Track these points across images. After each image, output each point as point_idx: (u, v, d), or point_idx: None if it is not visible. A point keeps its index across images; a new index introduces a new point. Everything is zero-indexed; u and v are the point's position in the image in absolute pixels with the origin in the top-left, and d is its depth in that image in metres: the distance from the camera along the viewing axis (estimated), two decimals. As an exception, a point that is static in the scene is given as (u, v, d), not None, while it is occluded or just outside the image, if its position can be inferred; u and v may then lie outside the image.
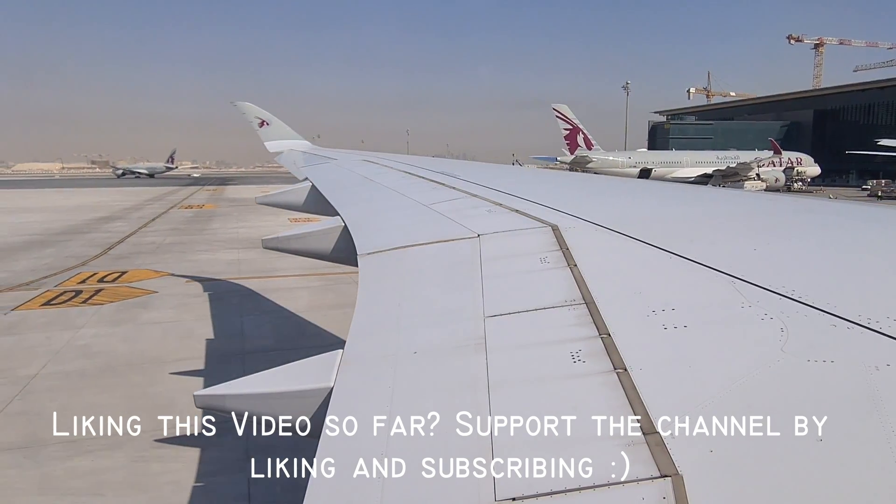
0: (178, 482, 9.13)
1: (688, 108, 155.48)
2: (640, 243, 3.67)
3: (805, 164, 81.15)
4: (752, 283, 2.78)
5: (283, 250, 7.12)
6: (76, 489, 8.99)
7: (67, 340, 15.88)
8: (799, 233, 4.09)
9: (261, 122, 22.52)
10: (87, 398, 11.91)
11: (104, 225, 44.00)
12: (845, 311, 2.37)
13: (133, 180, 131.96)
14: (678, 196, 6.58)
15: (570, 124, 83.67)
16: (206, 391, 3.01)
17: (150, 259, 28.82)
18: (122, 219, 48.53)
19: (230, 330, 17.03)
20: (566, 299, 3.00)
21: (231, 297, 20.75)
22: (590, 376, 2.30)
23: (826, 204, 5.24)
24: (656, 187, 8.78)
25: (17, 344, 15.74)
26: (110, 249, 31.84)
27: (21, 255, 30.04)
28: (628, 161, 79.70)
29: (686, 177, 75.06)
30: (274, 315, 18.68)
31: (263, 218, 41.73)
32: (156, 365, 13.97)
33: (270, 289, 21.57)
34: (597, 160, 78.76)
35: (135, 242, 34.56)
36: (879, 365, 2.00)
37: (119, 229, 40.81)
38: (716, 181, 71.93)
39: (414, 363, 2.78)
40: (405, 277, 4.16)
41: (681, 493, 1.65)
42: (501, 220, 4.95)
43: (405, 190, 7.85)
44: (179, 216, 51.59)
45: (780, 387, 2.02)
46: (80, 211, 55.11)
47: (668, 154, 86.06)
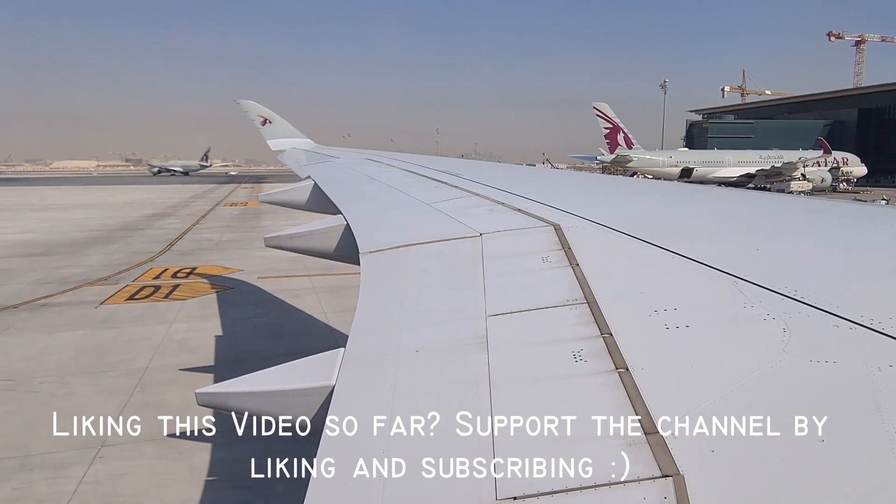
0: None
1: (725, 106, 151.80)
2: (642, 243, 3.67)
3: (851, 164, 79.38)
4: (755, 283, 2.77)
5: (285, 248, 7.12)
6: (221, 479, 9.05)
7: (164, 335, 16.14)
8: (801, 233, 4.09)
9: (263, 120, 22.53)
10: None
11: (157, 222, 44.94)
12: (848, 311, 2.37)
13: (168, 178, 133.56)
14: (680, 196, 6.58)
15: (610, 123, 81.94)
16: (209, 389, 3.02)
17: (213, 256, 29.02)
18: (173, 216, 49.43)
19: (316, 327, 17.08)
20: (568, 299, 3.00)
21: (306, 294, 20.73)
22: (591, 376, 2.30)
23: (828, 204, 5.23)
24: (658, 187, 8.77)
25: (118, 337, 16.07)
26: (172, 246, 32.26)
27: (90, 250, 30.68)
28: (669, 160, 78.12)
29: (728, 176, 73.91)
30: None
31: (312, 216, 41.37)
32: (256, 360, 13.89)
33: (342, 286, 21.19)
34: (637, 159, 77.43)
35: (193, 239, 34.95)
36: (882, 366, 2.00)
37: (173, 226, 41.61)
38: (759, 181, 70.90)
39: (416, 362, 2.78)
40: (407, 276, 4.16)
41: (682, 493, 1.64)
42: (503, 219, 4.95)
43: (407, 189, 7.85)
44: (227, 213, 52.03)
45: (782, 387, 2.02)
46: (130, 207, 56.63)
47: (710, 153, 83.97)
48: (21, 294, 20.65)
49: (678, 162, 77.84)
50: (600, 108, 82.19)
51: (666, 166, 76.29)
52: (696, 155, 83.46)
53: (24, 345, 15.29)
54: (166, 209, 55.10)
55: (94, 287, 21.99)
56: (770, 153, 77.84)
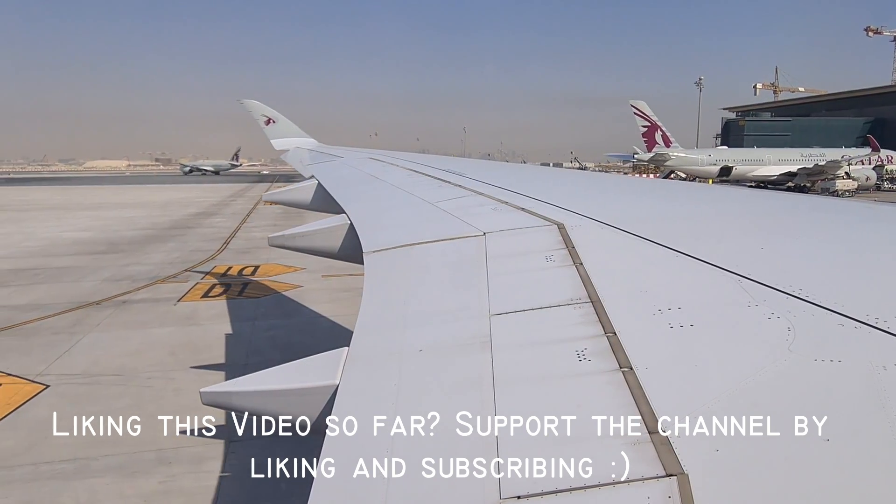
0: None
1: (760, 104, 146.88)
2: (646, 242, 3.66)
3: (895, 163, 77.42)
4: (759, 281, 2.77)
5: (289, 248, 7.14)
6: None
7: (250, 331, 16.32)
8: (806, 231, 4.07)
9: (267, 119, 22.61)
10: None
11: (205, 220, 45.52)
12: (853, 310, 2.36)
13: (200, 177, 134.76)
14: (684, 194, 6.57)
15: (648, 121, 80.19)
16: (213, 388, 3.02)
17: (270, 254, 28.98)
18: (217, 214, 49.92)
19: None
20: (572, 298, 2.99)
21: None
22: (595, 375, 2.30)
23: (833, 202, 5.21)
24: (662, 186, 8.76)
25: (207, 334, 16.28)
26: (227, 244, 32.61)
27: (149, 248, 31.33)
28: (708, 159, 76.39)
29: (768, 175, 72.51)
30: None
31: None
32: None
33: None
34: (675, 158, 75.98)
35: (245, 238, 35.34)
36: (887, 365, 1.99)
37: (222, 224, 42.23)
38: (801, 179, 69.55)
39: (419, 361, 2.78)
40: (411, 275, 4.16)
41: (686, 493, 1.64)
42: (507, 218, 4.95)
43: (411, 188, 7.85)
44: (270, 212, 52.14)
45: (786, 386, 2.01)
46: (173, 206, 57.23)
47: (750, 152, 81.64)
48: (98, 291, 21.16)
49: (717, 160, 75.97)
50: (638, 105, 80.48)
51: (705, 165, 74.80)
52: (736, 153, 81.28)
53: (119, 341, 15.63)
54: (209, 208, 55.53)
55: (166, 284, 22.46)
56: (812, 151, 75.56)
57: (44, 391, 12.23)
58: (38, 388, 12.39)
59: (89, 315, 18.05)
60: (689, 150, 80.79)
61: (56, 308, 18.73)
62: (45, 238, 35.02)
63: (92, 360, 14.02)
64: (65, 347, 14.97)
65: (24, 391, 12.24)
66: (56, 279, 23.54)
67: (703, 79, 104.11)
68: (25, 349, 14.89)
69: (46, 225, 42.07)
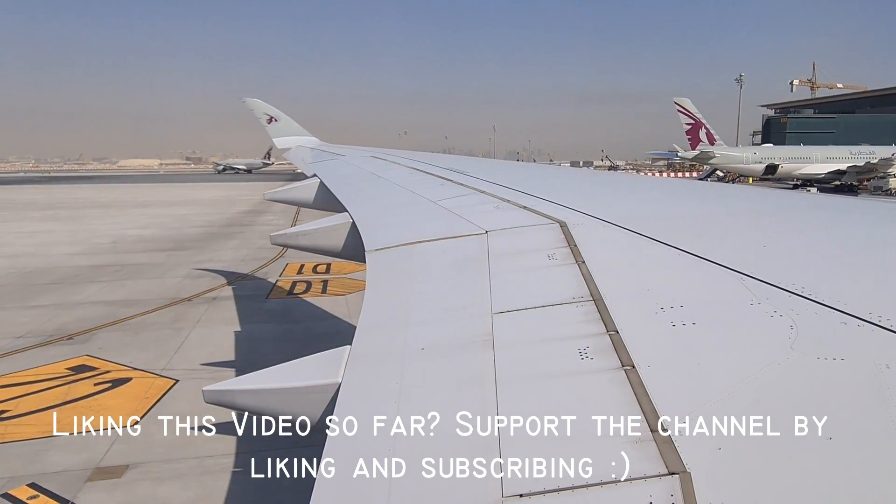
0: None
1: (801, 100, 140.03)
2: (648, 240, 3.65)
3: (948, 160, 76.02)
4: (762, 280, 2.76)
5: (292, 246, 7.15)
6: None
7: (349, 329, 16.30)
8: (809, 229, 4.06)
9: (269, 118, 22.62)
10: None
11: (257, 218, 46.17)
12: (856, 308, 2.36)
13: (234, 175, 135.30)
14: (686, 192, 6.56)
15: (692, 118, 78.03)
16: (216, 386, 3.03)
17: None
18: (267, 212, 49.80)
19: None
20: (574, 296, 2.99)
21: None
22: (597, 373, 2.30)
23: (836, 200, 5.20)
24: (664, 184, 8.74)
25: (309, 330, 16.66)
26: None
27: (214, 245, 31.95)
28: (754, 157, 74.84)
29: (815, 173, 71.03)
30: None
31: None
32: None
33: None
34: (720, 156, 74.47)
35: None
36: (890, 363, 1.99)
37: (275, 222, 42.58)
38: (850, 177, 68.08)
39: (422, 360, 2.78)
40: (413, 274, 4.16)
41: (689, 491, 1.64)
42: (509, 216, 4.94)
43: (413, 186, 7.85)
44: (317, 210, 52.99)
45: (789, 385, 2.01)
46: (220, 204, 58.42)
47: (796, 149, 78.87)
48: (183, 287, 21.74)
49: (763, 158, 74.40)
50: (682, 103, 78.71)
51: (750, 162, 73.47)
52: (782, 151, 79.13)
53: (224, 336, 15.98)
54: (256, 206, 55.36)
55: (244, 282, 22.84)
56: (860, 149, 73.17)
57: (175, 385, 12.66)
58: (169, 381, 12.85)
59: (186, 311, 18.61)
60: (733, 147, 79.07)
61: (151, 304, 19.28)
62: (110, 235, 36.09)
63: (207, 355, 14.47)
64: (176, 342, 15.42)
65: (157, 385, 12.69)
66: (139, 275, 24.20)
67: (744, 76, 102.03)
68: (140, 344, 15.36)
69: (105, 222, 43.44)
